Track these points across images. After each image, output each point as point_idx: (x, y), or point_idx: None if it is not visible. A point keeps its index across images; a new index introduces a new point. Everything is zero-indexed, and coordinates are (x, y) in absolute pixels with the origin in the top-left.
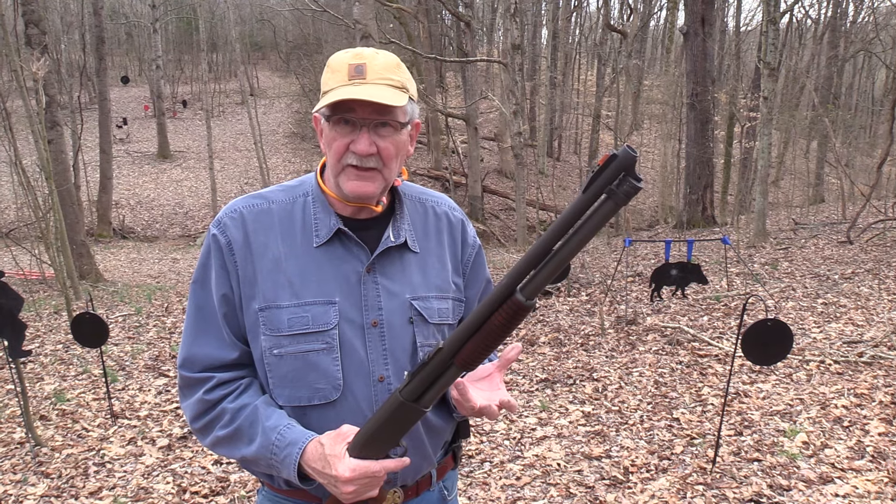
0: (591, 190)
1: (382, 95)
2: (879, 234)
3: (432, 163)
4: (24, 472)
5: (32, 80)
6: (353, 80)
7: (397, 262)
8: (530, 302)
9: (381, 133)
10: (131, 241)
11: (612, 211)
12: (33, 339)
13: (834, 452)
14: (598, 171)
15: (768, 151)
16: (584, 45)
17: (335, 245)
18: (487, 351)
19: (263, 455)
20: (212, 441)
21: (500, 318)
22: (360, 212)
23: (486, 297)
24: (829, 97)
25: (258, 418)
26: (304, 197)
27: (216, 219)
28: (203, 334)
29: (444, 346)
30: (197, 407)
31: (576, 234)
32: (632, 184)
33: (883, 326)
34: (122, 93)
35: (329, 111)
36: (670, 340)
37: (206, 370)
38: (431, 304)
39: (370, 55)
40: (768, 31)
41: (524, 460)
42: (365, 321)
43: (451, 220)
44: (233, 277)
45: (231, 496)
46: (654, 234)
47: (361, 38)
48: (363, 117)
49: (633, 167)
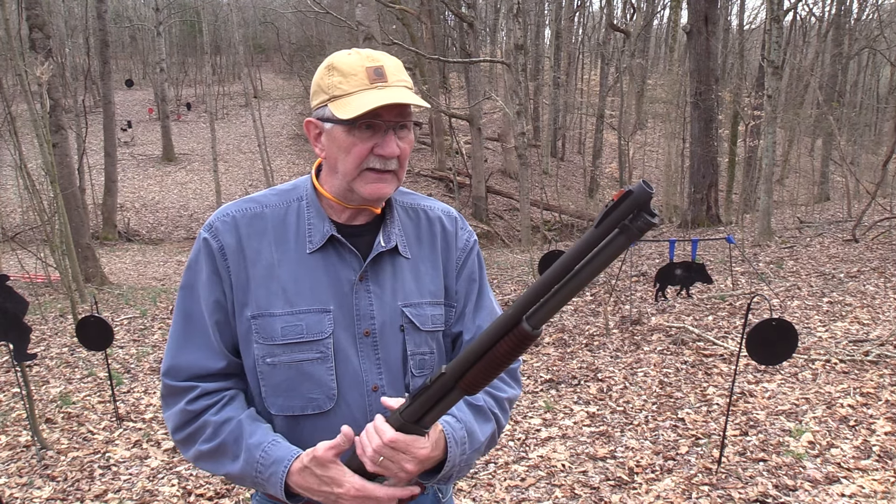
0: (604, 224)
1: (410, 97)
2: (885, 232)
3: (436, 163)
4: (29, 476)
5: (37, 84)
6: (375, 84)
7: (389, 268)
8: (536, 331)
9: (401, 135)
10: (136, 243)
11: (624, 246)
12: (39, 343)
13: (840, 452)
14: (613, 206)
15: (773, 150)
16: (587, 44)
17: (328, 252)
18: (491, 377)
19: (248, 473)
20: (194, 455)
21: (505, 346)
22: (357, 216)
23: (492, 324)
24: (833, 95)
25: (242, 434)
26: (299, 202)
27: (208, 223)
28: (189, 342)
29: (446, 371)
30: (179, 417)
31: (586, 266)
32: (646, 220)
33: (889, 325)
34: (126, 96)
35: (353, 116)
36: (675, 340)
37: (190, 379)
38: (424, 310)
39: (384, 57)
40: (772, 29)
41: (529, 461)
42: (357, 331)
43: (444, 224)
44: (226, 283)
45: (236, 498)
46: (659, 233)
47: (364, 40)
48: (389, 120)
49: (647, 203)
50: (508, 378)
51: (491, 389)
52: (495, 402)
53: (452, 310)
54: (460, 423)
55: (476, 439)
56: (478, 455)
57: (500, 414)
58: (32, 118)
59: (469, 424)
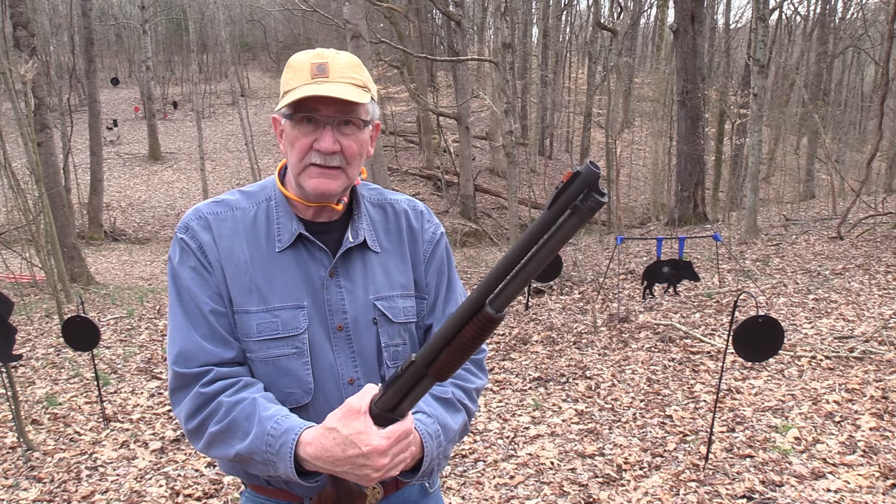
0: (556, 206)
1: (346, 92)
2: (869, 229)
3: (424, 162)
4: (15, 477)
5: (21, 82)
6: (315, 79)
7: (359, 263)
8: (500, 315)
9: (344, 131)
10: (123, 243)
11: (577, 226)
12: (24, 343)
13: (826, 448)
14: (563, 188)
15: (759, 148)
16: (574, 43)
17: (298, 249)
18: (459, 362)
19: (257, 448)
20: (206, 441)
21: (470, 331)
22: (321, 213)
23: (457, 310)
24: (818, 93)
25: (255, 410)
26: (267, 202)
27: (182, 224)
28: (195, 331)
29: (416, 359)
30: (193, 402)
31: (542, 247)
32: (596, 199)
33: (873, 321)
34: (111, 94)
35: (291, 110)
36: (662, 338)
37: (203, 365)
38: (396, 303)
39: (332, 55)
40: (758, 27)
41: (518, 459)
42: (331, 326)
43: (409, 217)
44: (215, 276)
45: (224, 498)
46: (646, 231)
47: (352, 38)
48: (327, 115)
49: (596, 183)
50: (475, 368)
51: (458, 381)
52: (464, 393)
53: (424, 302)
54: (431, 418)
55: (450, 430)
56: (453, 445)
57: (470, 403)
58: (17, 117)
59: (441, 417)
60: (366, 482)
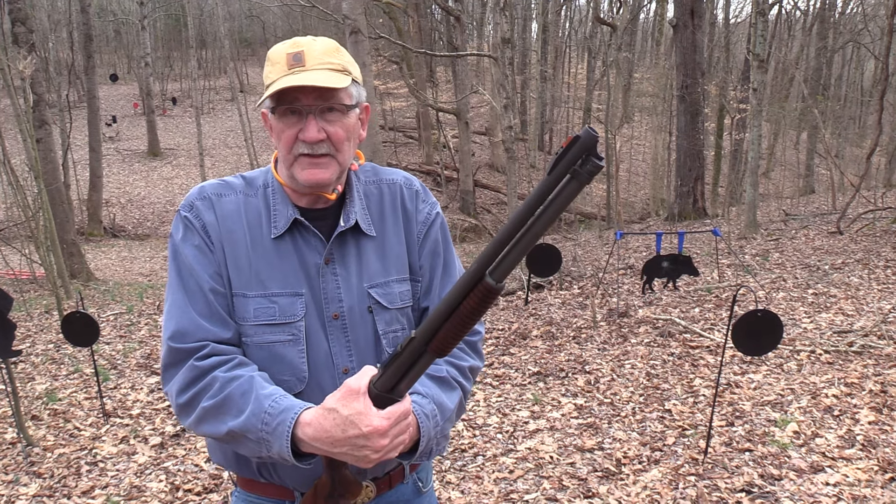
0: (555, 171)
1: (323, 79)
2: (869, 224)
3: (423, 157)
4: (15, 473)
5: (20, 78)
6: (292, 69)
7: (353, 249)
8: (500, 285)
9: (328, 118)
10: (122, 239)
11: (576, 191)
12: (24, 339)
13: (824, 441)
14: (562, 152)
15: (758, 143)
16: (573, 38)
17: (294, 236)
18: (460, 336)
19: (252, 426)
20: (198, 416)
21: (471, 303)
22: (316, 201)
23: (456, 283)
24: (818, 88)
25: (252, 388)
26: (265, 188)
27: (186, 202)
28: (193, 308)
29: (416, 336)
30: (186, 375)
31: (542, 215)
32: (594, 163)
33: (873, 316)
34: (110, 91)
35: (273, 103)
36: (662, 332)
37: (200, 341)
38: (392, 288)
39: (307, 42)
40: (757, 22)
41: (517, 453)
42: (326, 314)
43: (404, 196)
44: (217, 255)
45: (224, 493)
46: (646, 226)
47: (351, 34)
48: (308, 104)
49: (595, 147)
50: (469, 350)
51: (452, 359)
52: (458, 371)
53: (418, 284)
54: (427, 398)
55: (446, 409)
56: (450, 424)
57: (465, 381)
58: (16, 113)
59: (436, 396)
60: (364, 464)
